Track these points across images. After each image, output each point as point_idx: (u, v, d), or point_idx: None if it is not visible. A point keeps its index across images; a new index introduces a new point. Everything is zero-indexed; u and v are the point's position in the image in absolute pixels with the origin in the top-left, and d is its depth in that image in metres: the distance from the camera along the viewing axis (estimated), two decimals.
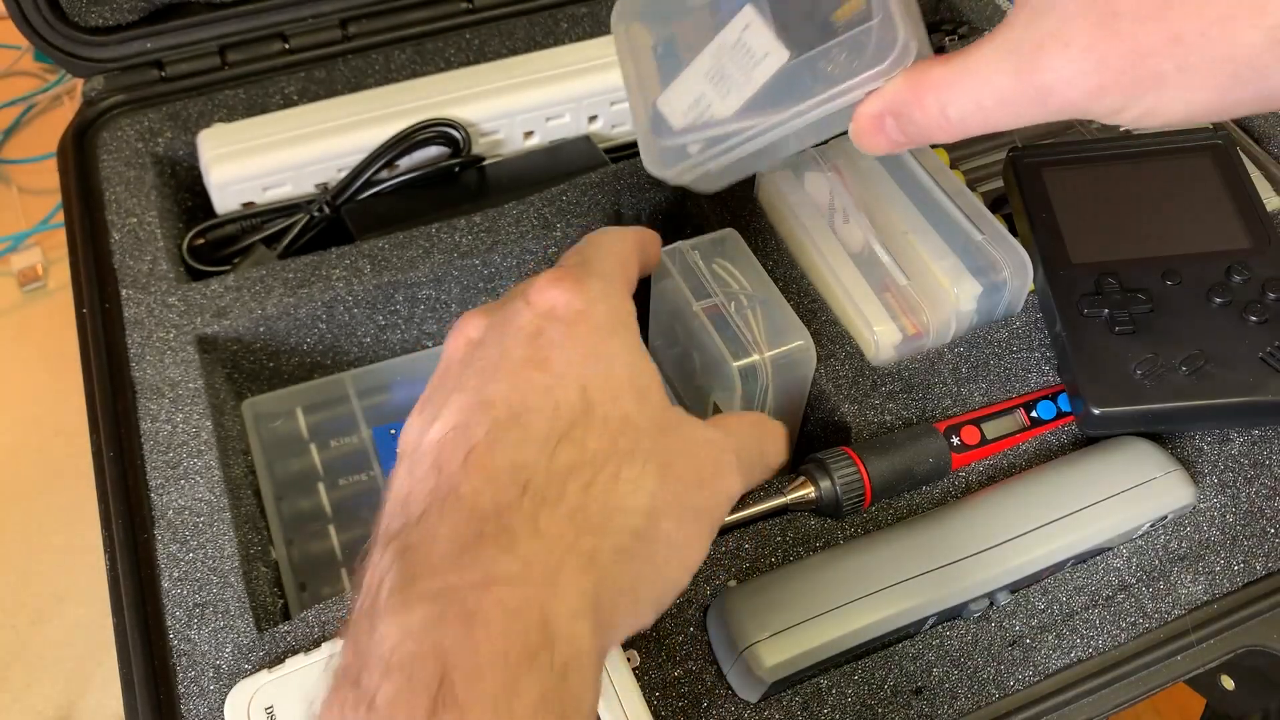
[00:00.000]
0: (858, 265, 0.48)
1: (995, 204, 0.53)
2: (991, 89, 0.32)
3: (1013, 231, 0.49)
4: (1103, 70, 0.30)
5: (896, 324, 0.46)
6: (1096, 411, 0.43)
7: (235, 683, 0.36)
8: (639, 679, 0.38)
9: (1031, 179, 0.50)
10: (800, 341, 0.44)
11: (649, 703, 0.36)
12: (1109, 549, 0.42)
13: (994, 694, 0.39)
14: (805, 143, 0.39)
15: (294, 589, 0.45)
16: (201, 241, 0.53)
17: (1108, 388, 0.43)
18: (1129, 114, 0.31)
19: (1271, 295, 0.45)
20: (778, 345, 0.44)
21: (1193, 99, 0.30)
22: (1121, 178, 0.50)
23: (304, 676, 0.36)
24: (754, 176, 0.53)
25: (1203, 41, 0.28)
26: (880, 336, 0.46)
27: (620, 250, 0.36)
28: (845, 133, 0.37)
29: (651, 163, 0.42)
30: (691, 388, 0.48)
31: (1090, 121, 0.58)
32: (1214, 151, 0.50)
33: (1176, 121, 0.31)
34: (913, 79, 0.35)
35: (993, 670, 0.39)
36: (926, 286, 0.47)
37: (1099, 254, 0.47)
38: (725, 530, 0.42)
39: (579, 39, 0.61)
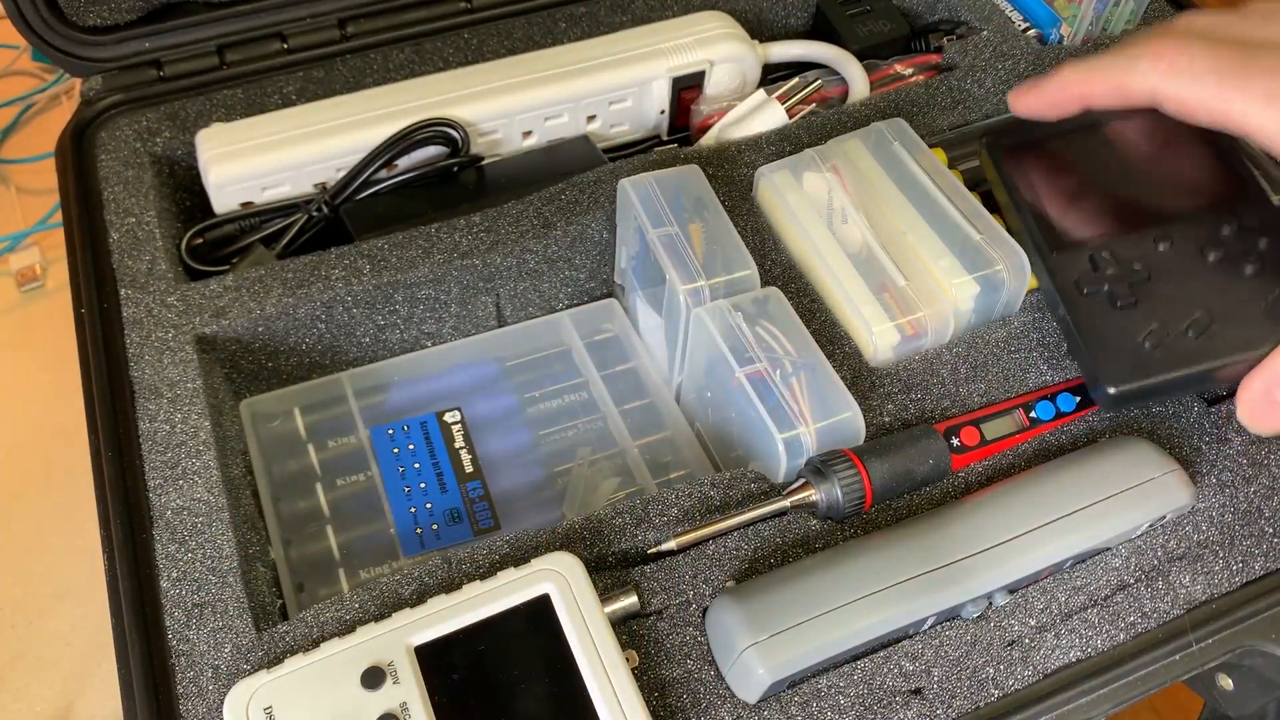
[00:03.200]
0: (856, 266, 0.48)
1: (993, 203, 0.53)
2: None
3: (999, 218, 0.48)
4: None
5: (895, 325, 0.46)
6: (1112, 391, 0.42)
7: (234, 683, 0.36)
8: (639, 679, 0.38)
9: (1010, 164, 0.49)
10: (849, 414, 0.42)
11: (648, 703, 0.36)
12: (1108, 549, 0.42)
13: (993, 694, 0.39)
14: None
15: (291, 589, 0.45)
16: (200, 241, 0.53)
17: (1120, 365, 0.42)
18: None
19: (1264, 240, 0.44)
20: (825, 417, 0.42)
21: None
22: (1095, 148, 0.49)
23: (303, 676, 0.36)
24: (752, 176, 0.53)
25: None
26: (879, 338, 0.46)
27: None
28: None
29: None
30: (730, 457, 0.47)
31: None
32: None
33: None
34: None
35: (992, 670, 0.39)
36: (924, 286, 0.47)
37: (1089, 230, 0.47)
38: (725, 531, 0.42)
39: (577, 39, 0.61)
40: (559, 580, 0.38)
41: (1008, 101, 0.47)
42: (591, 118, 0.59)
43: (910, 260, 0.48)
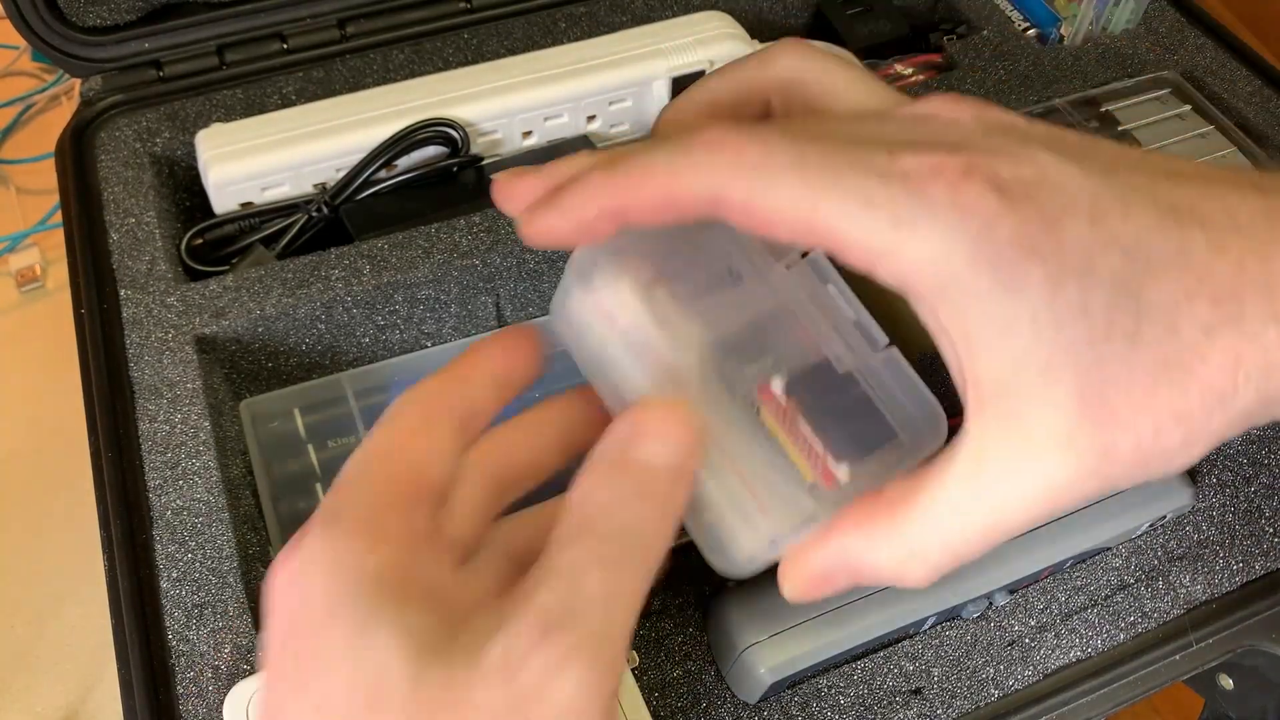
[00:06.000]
0: None
1: None
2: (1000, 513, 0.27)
3: None
4: (1111, 463, 0.25)
5: None
6: None
7: (234, 683, 0.36)
8: (639, 679, 0.38)
9: None
10: None
11: (649, 703, 0.36)
12: (1108, 549, 0.42)
13: (993, 694, 0.39)
14: None
15: None
16: (200, 242, 0.53)
17: None
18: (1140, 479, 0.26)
19: None
20: None
21: (1201, 452, 0.26)
22: None
23: None
24: None
25: (1204, 417, 0.24)
26: None
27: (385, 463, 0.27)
28: None
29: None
30: None
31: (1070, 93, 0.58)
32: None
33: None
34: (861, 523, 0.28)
35: (992, 670, 0.39)
36: None
37: None
38: None
39: (577, 39, 0.61)
40: None
41: (519, 230, 0.30)
42: (591, 118, 0.59)
43: None
